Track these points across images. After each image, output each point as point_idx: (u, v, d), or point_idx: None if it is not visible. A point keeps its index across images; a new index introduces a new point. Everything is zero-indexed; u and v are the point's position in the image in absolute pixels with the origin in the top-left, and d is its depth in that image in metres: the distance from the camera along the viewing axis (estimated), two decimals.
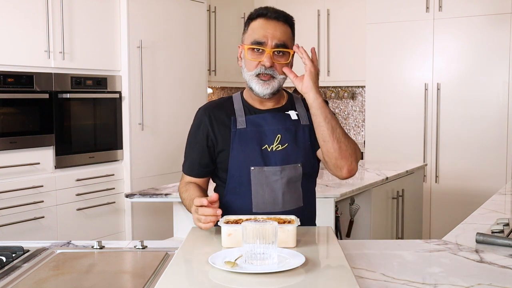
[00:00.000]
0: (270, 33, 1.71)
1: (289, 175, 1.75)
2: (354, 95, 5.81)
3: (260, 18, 1.74)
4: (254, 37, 1.72)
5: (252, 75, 1.73)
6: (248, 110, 1.81)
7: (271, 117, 1.78)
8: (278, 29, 1.72)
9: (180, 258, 1.39)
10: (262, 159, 1.74)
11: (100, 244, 1.70)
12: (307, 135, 1.78)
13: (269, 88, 1.72)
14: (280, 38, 1.71)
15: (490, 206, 2.36)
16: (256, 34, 1.72)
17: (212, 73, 5.09)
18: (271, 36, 1.70)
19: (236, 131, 1.76)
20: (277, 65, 1.72)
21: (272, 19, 1.73)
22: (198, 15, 4.69)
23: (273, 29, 1.71)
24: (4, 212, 3.33)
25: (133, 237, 4.08)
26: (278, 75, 1.72)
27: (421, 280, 1.36)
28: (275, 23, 1.73)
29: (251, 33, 1.74)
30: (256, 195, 1.74)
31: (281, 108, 1.82)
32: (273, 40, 1.70)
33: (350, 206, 3.27)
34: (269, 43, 1.70)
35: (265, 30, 1.71)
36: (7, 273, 1.44)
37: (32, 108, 3.51)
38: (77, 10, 3.75)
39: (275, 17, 1.73)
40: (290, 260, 1.31)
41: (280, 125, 1.77)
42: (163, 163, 4.32)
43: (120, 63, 4.06)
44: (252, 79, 1.73)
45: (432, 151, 4.77)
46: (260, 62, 1.71)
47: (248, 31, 1.76)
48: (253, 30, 1.74)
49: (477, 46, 4.56)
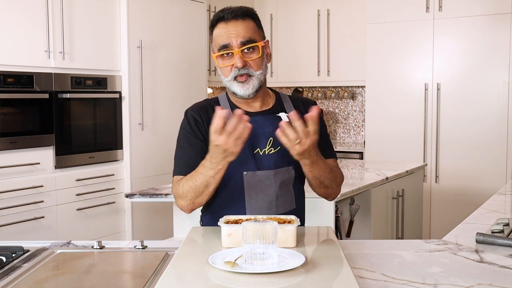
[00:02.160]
0: (232, 34, 1.68)
1: (282, 178, 1.74)
2: (354, 95, 5.81)
3: (219, 23, 1.72)
4: (219, 42, 1.70)
5: (229, 80, 1.71)
6: None
7: (263, 120, 1.75)
8: (240, 27, 1.69)
9: (180, 258, 1.39)
10: (254, 164, 1.72)
11: (100, 244, 1.70)
12: None
13: (249, 88, 1.70)
14: (244, 35, 1.68)
15: (490, 206, 2.36)
16: (220, 39, 1.69)
17: (212, 73, 5.09)
18: (234, 36, 1.68)
19: None
20: (250, 62, 1.69)
21: (231, 20, 1.70)
22: (198, 15, 4.69)
23: (234, 29, 1.68)
24: (4, 212, 3.33)
25: (133, 237, 4.08)
26: (254, 72, 1.70)
27: (421, 280, 1.36)
28: (235, 22, 1.69)
29: (216, 40, 1.72)
30: (250, 200, 1.72)
31: (271, 110, 1.79)
32: (238, 39, 1.67)
33: (350, 206, 3.27)
34: (234, 44, 1.67)
35: (227, 33, 1.68)
36: (7, 273, 1.44)
37: (32, 108, 3.51)
38: (77, 10, 3.75)
39: (233, 17, 1.70)
40: (290, 260, 1.31)
41: (272, 128, 1.71)
42: (163, 163, 4.31)
43: (120, 63, 4.06)
44: (232, 84, 1.71)
45: (432, 151, 4.77)
46: (233, 65, 1.69)
47: (213, 39, 1.74)
48: (216, 36, 1.72)
49: (477, 46, 4.56)
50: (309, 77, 5.65)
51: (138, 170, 4.17)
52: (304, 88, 5.95)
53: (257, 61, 1.70)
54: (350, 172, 3.57)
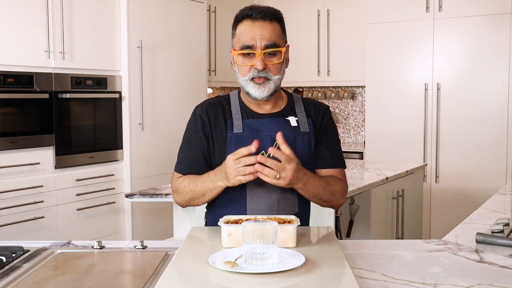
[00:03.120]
0: (258, 34, 1.65)
1: None
2: (354, 95, 5.81)
3: (246, 20, 1.68)
4: (243, 41, 1.67)
5: (246, 80, 1.69)
6: (245, 113, 1.76)
7: (270, 122, 1.74)
8: (266, 29, 1.66)
9: (180, 258, 1.39)
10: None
11: (100, 244, 1.70)
12: (306, 143, 1.74)
13: (265, 91, 1.68)
14: (269, 38, 1.66)
15: (490, 206, 2.36)
16: (244, 38, 1.67)
17: (212, 73, 5.09)
18: (259, 38, 1.65)
19: (233, 135, 1.71)
20: (270, 65, 1.67)
21: (258, 19, 1.67)
22: (198, 15, 4.69)
23: (260, 30, 1.65)
24: (4, 212, 3.33)
25: (133, 237, 4.08)
26: (272, 76, 1.68)
27: (421, 280, 1.36)
28: (262, 23, 1.66)
29: (239, 38, 1.69)
30: (251, 202, 1.71)
31: (280, 113, 1.77)
32: (262, 41, 1.65)
33: (350, 206, 3.27)
34: (258, 45, 1.65)
35: (253, 32, 1.65)
36: (7, 273, 1.44)
37: (32, 108, 3.51)
38: (77, 10, 3.75)
39: (261, 17, 1.66)
40: (290, 260, 1.31)
41: (279, 131, 1.71)
42: (163, 163, 4.31)
43: (120, 63, 4.06)
44: (247, 84, 1.69)
45: (432, 151, 4.77)
46: (252, 66, 1.67)
47: (236, 36, 1.71)
48: (240, 34, 1.69)
49: (477, 46, 4.56)
50: (309, 77, 5.65)
51: (138, 170, 4.17)
52: (304, 88, 5.95)
53: (277, 66, 1.69)
54: (350, 172, 3.57)
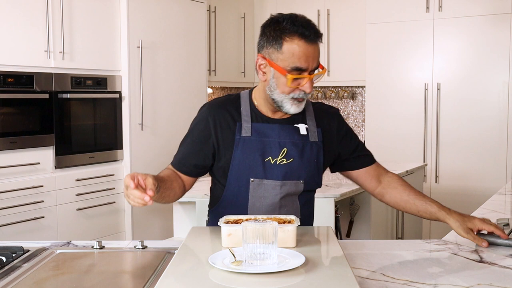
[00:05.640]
0: (311, 57, 1.57)
1: (288, 190, 1.70)
2: (354, 95, 5.81)
3: (300, 40, 1.56)
4: (295, 62, 1.56)
5: (286, 97, 1.62)
6: (255, 116, 1.71)
7: (279, 129, 1.70)
8: (317, 51, 1.59)
9: (180, 258, 1.39)
10: (263, 171, 1.68)
11: (100, 244, 1.70)
12: (315, 153, 1.72)
13: (301, 107, 1.65)
14: (317, 60, 1.60)
15: (490, 206, 2.36)
16: (298, 60, 1.56)
17: (212, 73, 5.09)
18: (311, 60, 1.57)
19: (240, 138, 1.68)
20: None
21: (313, 42, 1.57)
22: (198, 15, 4.69)
23: (313, 52, 1.58)
24: (4, 212, 3.33)
25: (133, 237, 4.08)
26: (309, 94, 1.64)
27: (421, 280, 1.36)
28: (315, 46, 1.59)
29: (291, 57, 1.56)
30: (253, 207, 1.70)
31: (291, 119, 1.73)
32: (313, 64, 1.59)
33: (350, 206, 3.27)
34: (309, 68, 1.58)
35: (307, 55, 1.56)
36: (7, 273, 1.44)
37: (32, 108, 3.51)
38: (77, 10, 3.75)
39: (316, 38, 1.58)
40: (290, 260, 1.31)
41: (288, 139, 1.69)
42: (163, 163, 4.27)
43: (120, 63, 4.06)
44: (286, 101, 1.62)
45: (432, 151, 4.77)
46: (299, 87, 1.59)
47: (284, 52, 1.57)
48: (293, 53, 1.56)
49: (477, 46, 4.55)
50: None
51: (138, 170, 4.16)
52: None
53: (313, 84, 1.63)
54: None
